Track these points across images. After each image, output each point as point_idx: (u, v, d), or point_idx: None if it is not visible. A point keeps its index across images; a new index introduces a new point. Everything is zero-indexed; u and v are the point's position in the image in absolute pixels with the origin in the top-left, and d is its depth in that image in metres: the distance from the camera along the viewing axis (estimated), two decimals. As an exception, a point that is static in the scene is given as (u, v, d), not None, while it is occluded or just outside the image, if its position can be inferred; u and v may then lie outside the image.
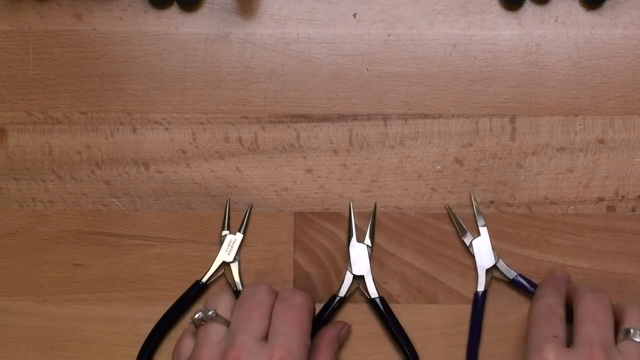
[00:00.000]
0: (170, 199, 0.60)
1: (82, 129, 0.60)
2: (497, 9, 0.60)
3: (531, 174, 0.59)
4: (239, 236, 0.59)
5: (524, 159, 0.59)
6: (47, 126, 0.60)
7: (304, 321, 0.51)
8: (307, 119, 0.60)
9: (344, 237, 0.59)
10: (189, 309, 0.59)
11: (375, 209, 0.59)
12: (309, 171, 0.60)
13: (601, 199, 0.59)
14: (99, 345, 0.59)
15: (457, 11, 0.60)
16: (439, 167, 0.60)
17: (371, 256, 0.58)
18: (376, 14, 0.60)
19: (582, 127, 0.59)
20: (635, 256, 0.59)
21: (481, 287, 0.58)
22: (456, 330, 0.59)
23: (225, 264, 0.59)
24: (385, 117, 0.60)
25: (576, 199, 0.59)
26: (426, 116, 0.60)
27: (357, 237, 0.58)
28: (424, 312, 0.59)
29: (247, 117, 0.60)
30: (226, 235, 0.59)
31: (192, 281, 0.59)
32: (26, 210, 0.60)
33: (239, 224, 0.59)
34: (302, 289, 0.59)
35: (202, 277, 0.59)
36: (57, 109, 0.60)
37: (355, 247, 0.58)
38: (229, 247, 0.59)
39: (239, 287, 0.59)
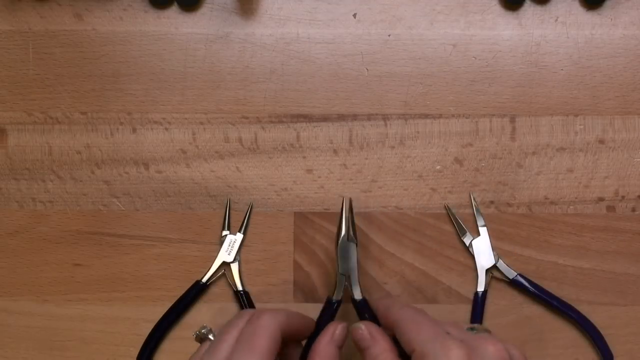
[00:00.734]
0: (170, 199, 0.60)
1: (82, 129, 0.60)
2: (497, 9, 0.60)
3: (531, 174, 0.59)
4: (239, 236, 0.59)
5: (524, 159, 0.59)
6: (47, 126, 0.60)
7: (263, 345, 0.48)
8: (307, 119, 0.60)
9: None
10: (189, 309, 0.59)
11: (347, 205, 0.55)
12: (309, 171, 0.60)
13: (601, 199, 0.59)
14: (99, 345, 0.59)
15: (457, 11, 0.60)
16: (439, 167, 0.60)
17: (358, 255, 0.55)
18: (376, 14, 0.60)
19: (582, 127, 0.59)
20: (635, 256, 0.59)
21: (481, 287, 0.58)
22: (456, 330, 0.59)
23: (225, 264, 0.59)
24: (385, 117, 0.60)
25: (576, 199, 0.59)
26: (426, 116, 0.60)
27: (347, 235, 0.54)
28: (424, 312, 0.59)
29: (247, 117, 0.60)
30: (226, 235, 0.59)
31: (192, 281, 0.59)
32: (26, 210, 0.60)
33: (239, 224, 0.59)
34: (302, 289, 0.59)
35: (202, 277, 0.59)
36: (57, 109, 0.60)
37: (344, 245, 0.54)
38: (229, 247, 0.59)
39: (239, 287, 0.59)
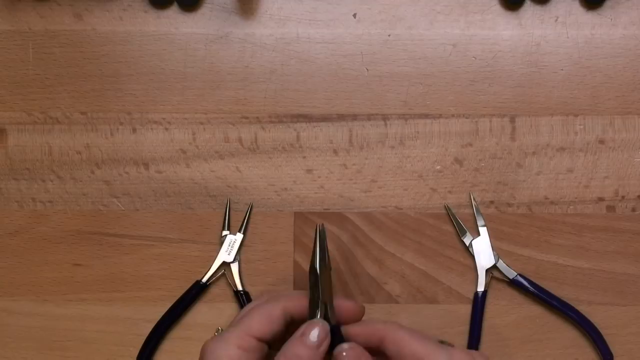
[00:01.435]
0: (170, 199, 0.60)
1: (82, 129, 0.60)
2: (497, 9, 0.60)
3: (531, 174, 0.59)
4: (239, 236, 0.59)
5: (524, 159, 0.59)
6: (47, 126, 0.60)
7: (244, 321, 0.48)
8: (307, 119, 0.60)
9: (343, 237, 0.59)
10: (189, 309, 0.59)
11: (317, 232, 0.49)
12: (309, 171, 0.60)
13: (601, 199, 0.59)
14: (99, 345, 0.59)
15: (457, 11, 0.60)
16: (439, 167, 0.60)
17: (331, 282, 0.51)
18: (376, 14, 0.60)
19: (582, 127, 0.59)
20: (635, 256, 0.59)
21: (481, 287, 0.58)
22: (456, 330, 0.59)
23: (225, 264, 0.59)
24: (385, 117, 0.60)
25: (576, 199, 0.59)
26: (426, 116, 0.60)
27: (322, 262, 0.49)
28: (424, 312, 0.59)
29: (247, 117, 0.60)
30: (226, 235, 0.59)
31: (192, 281, 0.59)
32: (26, 210, 0.60)
33: (239, 224, 0.59)
34: (302, 289, 0.59)
35: (202, 277, 0.59)
36: (57, 109, 0.60)
37: (322, 272, 0.49)
38: (229, 247, 0.59)
39: (239, 287, 0.59)
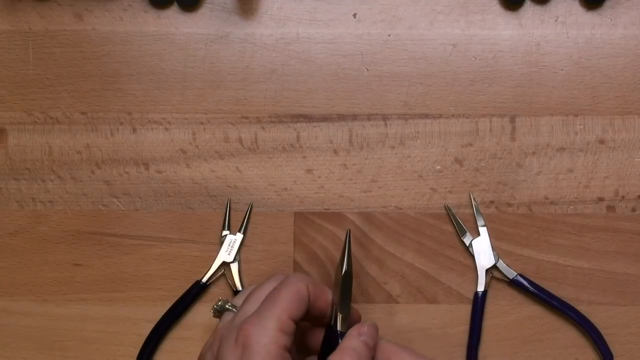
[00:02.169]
0: (170, 199, 0.60)
1: (82, 129, 0.60)
2: (497, 9, 0.60)
3: (531, 174, 0.59)
4: (239, 236, 0.59)
5: (524, 159, 0.59)
6: (47, 126, 0.60)
7: (279, 303, 0.47)
8: (307, 119, 0.60)
9: (343, 237, 0.59)
10: (189, 309, 0.59)
11: (348, 237, 0.51)
12: (309, 171, 0.60)
13: (601, 199, 0.59)
14: (99, 345, 0.59)
15: (457, 11, 0.60)
16: (439, 167, 0.60)
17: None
18: (376, 14, 0.60)
19: (582, 127, 0.59)
20: (635, 256, 0.59)
21: (481, 287, 0.58)
22: (456, 330, 0.59)
23: (225, 264, 0.59)
24: (385, 117, 0.60)
25: (576, 199, 0.59)
26: (426, 116, 0.60)
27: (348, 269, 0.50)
28: (424, 312, 0.59)
29: (247, 117, 0.60)
30: (226, 235, 0.59)
31: (192, 281, 0.59)
32: (26, 210, 0.60)
33: (239, 224, 0.59)
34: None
35: (202, 277, 0.59)
36: (57, 109, 0.60)
37: (346, 279, 0.50)
38: (229, 247, 0.59)
39: (239, 287, 0.59)
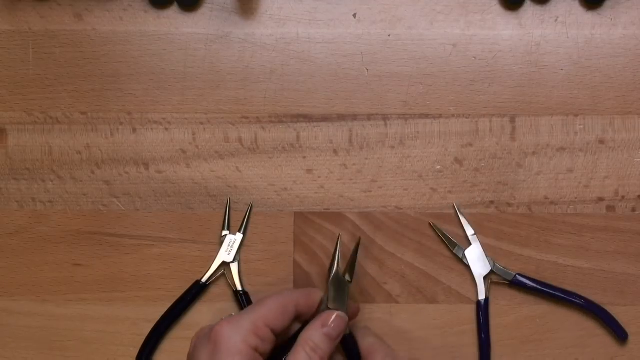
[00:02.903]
0: (170, 199, 0.60)
1: (82, 129, 0.60)
2: (497, 9, 0.60)
3: (531, 174, 0.59)
4: (239, 236, 0.59)
5: (524, 159, 0.59)
6: (47, 126, 0.60)
7: (259, 310, 0.50)
8: (307, 119, 0.60)
9: (344, 237, 0.59)
10: (189, 309, 0.59)
11: (358, 244, 0.55)
12: (309, 171, 0.60)
13: (601, 199, 0.59)
14: (99, 345, 0.59)
15: (457, 11, 0.60)
16: (439, 167, 0.60)
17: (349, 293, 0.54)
18: (376, 14, 0.60)
19: (582, 127, 0.59)
20: (635, 256, 0.59)
21: (482, 295, 0.58)
22: (456, 330, 0.59)
23: (225, 264, 0.59)
24: (385, 117, 0.60)
25: (576, 199, 0.59)
26: (426, 116, 0.60)
27: (339, 269, 0.53)
28: (424, 312, 0.59)
29: (247, 117, 0.60)
30: (226, 235, 0.59)
31: (192, 281, 0.59)
32: (26, 210, 0.60)
33: (239, 224, 0.59)
34: (303, 288, 0.59)
35: (202, 277, 0.59)
36: (57, 109, 0.60)
37: (337, 281, 0.53)
38: (229, 247, 0.59)
39: (239, 287, 0.59)
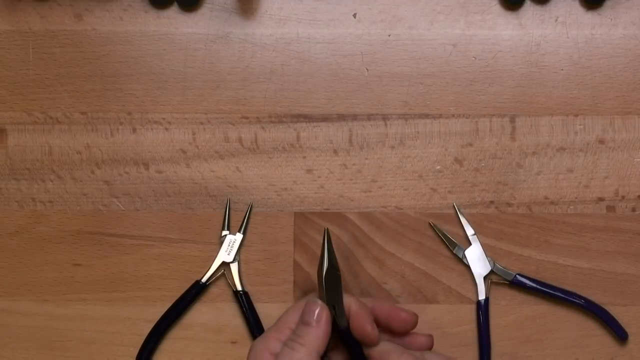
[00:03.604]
0: (170, 199, 0.60)
1: (82, 129, 0.60)
2: (497, 9, 0.60)
3: (531, 174, 0.59)
4: (239, 236, 0.59)
5: (524, 159, 0.59)
6: (47, 126, 0.60)
7: (282, 317, 0.52)
8: (307, 119, 0.60)
9: (344, 237, 0.59)
10: (189, 309, 0.59)
11: (325, 235, 0.52)
12: (309, 171, 0.60)
13: (601, 199, 0.59)
14: (99, 345, 0.59)
15: (457, 11, 0.60)
16: (439, 167, 0.60)
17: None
18: (376, 14, 0.60)
19: (582, 127, 0.59)
20: (635, 256, 0.59)
21: (482, 296, 0.58)
22: (456, 330, 0.59)
23: (225, 264, 0.59)
24: (385, 117, 0.60)
25: (576, 199, 0.59)
26: (426, 116, 0.60)
27: (330, 265, 0.51)
28: (424, 312, 0.59)
29: (247, 117, 0.60)
30: (226, 235, 0.59)
31: (192, 281, 0.59)
32: (26, 210, 0.60)
33: (239, 224, 0.59)
34: (302, 289, 0.59)
35: (202, 277, 0.59)
36: (57, 109, 0.60)
37: (329, 276, 0.51)
38: (229, 247, 0.59)
39: (239, 287, 0.59)
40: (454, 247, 0.59)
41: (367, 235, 0.59)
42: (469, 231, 0.59)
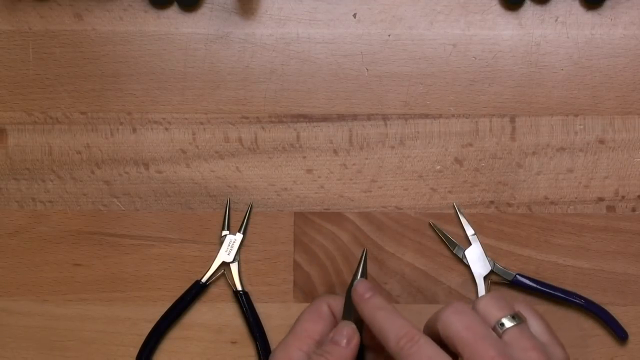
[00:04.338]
0: (170, 199, 0.60)
1: (82, 129, 0.60)
2: (497, 9, 0.60)
3: (531, 174, 0.59)
4: (239, 236, 0.59)
5: (524, 159, 0.59)
6: (47, 126, 0.60)
7: (297, 323, 0.53)
8: (307, 119, 0.60)
9: (344, 237, 0.59)
10: (189, 309, 0.59)
11: (365, 255, 0.54)
12: (309, 171, 0.60)
13: (601, 199, 0.59)
14: (99, 345, 0.59)
15: (457, 11, 0.60)
16: (439, 167, 0.60)
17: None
18: (376, 14, 0.60)
19: (582, 127, 0.59)
20: (635, 256, 0.59)
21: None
22: (456, 330, 0.59)
23: (225, 264, 0.59)
24: (385, 117, 0.60)
25: (576, 199, 0.59)
26: (426, 116, 0.60)
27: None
28: (424, 312, 0.58)
29: (247, 117, 0.60)
30: (226, 235, 0.59)
31: (192, 281, 0.59)
32: (26, 210, 0.60)
33: (239, 224, 0.59)
34: (302, 289, 0.59)
35: (202, 277, 0.59)
36: (57, 109, 0.60)
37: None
38: (229, 247, 0.59)
39: (239, 287, 0.59)
40: (454, 247, 0.59)
41: (367, 235, 0.59)
42: (469, 231, 0.59)
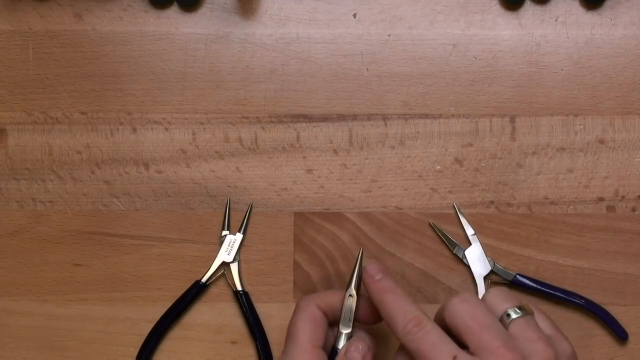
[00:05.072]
0: (170, 199, 0.60)
1: (82, 129, 0.60)
2: (497, 9, 0.60)
3: (531, 174, 0.59)
4: (239, 236, 0.59)
5: (524, 159, 0.59)
6: (47, 126, 0.60)
7: (296, 338, 0.51)
8: (307, 119, 0.60)
9: (344, 237, 0.59)
10: (189, 309, 0.59)
11: (360, 256, 0.53)
12: (309, 171, 0.60)
13: (601, 199, 0.59)
14: (99, 345, 0.59)
15: (457, 11, 0.60)
16: (439, 167, 0.60)
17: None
18: (376, 14, 0.60)
19: (582, 127, 0.59)
20: (635, 256, 0.59)
21: (482, 296, 0.58)
22: (456, 330, 0.59)
23: (225, 264, 0.59)
24: (385, 117, 0.60)
25: (576, 199, 0.59)
26: (426, 116, 0.60)
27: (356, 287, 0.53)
28: (424, 312, 0.59)
29: (247, 117, 0.60)
30: (226, 235, 0.59)
31: (192, 281, 0.59)
32: (26, 210, 0.60)
33: (239, 224, 0.59)
34: (302, 289, 0.59)
35: (202, 277, 0.59)
36: (57, 109, 0.60)
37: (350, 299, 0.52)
38: (229, 247, 0.59)
39: (239, 287, 0.59)
40: (454, 247, 0.59)
41: (367, 235, 0.59)
42: (469, 231, 0.59)
